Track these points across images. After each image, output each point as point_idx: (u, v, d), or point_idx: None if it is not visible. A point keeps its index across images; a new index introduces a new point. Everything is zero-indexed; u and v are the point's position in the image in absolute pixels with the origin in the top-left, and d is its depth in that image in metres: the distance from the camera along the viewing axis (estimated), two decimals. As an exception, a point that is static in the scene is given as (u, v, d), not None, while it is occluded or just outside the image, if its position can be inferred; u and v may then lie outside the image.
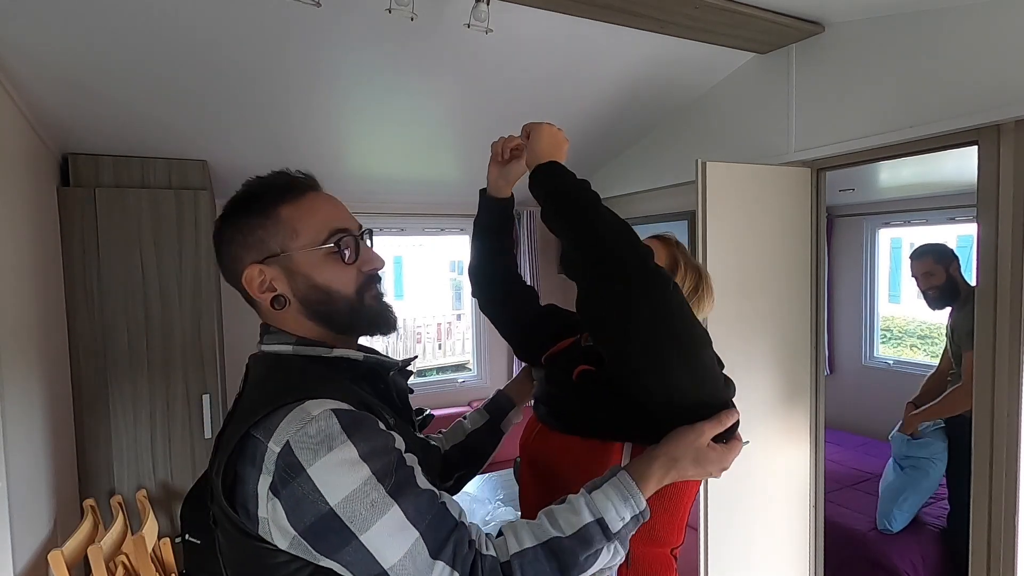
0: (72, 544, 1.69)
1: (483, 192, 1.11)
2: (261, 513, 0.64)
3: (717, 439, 0.76)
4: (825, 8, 1.94)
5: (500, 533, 0.70)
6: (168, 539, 1.96)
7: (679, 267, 1.01)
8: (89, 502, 2.02)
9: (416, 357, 0.97)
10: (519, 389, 1.16)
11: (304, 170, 0.80)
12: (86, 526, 1.85)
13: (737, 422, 0.78)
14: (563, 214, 0.82)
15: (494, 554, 0.66)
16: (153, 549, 1.90)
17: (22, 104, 1.87)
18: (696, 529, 2.00)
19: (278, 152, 2.64)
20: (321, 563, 0.64)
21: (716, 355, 0.82)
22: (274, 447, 0.62)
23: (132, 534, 1.80)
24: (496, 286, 1.17)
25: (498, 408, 1.12)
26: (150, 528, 1.91)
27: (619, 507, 0.70)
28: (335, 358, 0.77)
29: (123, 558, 1.69)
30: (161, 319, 2.40)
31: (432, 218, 3.70)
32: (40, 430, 1.86)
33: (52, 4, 1.55)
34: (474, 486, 2.82)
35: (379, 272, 0.81)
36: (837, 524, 2.63)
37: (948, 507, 2.61)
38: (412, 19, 1.67)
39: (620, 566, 0.86)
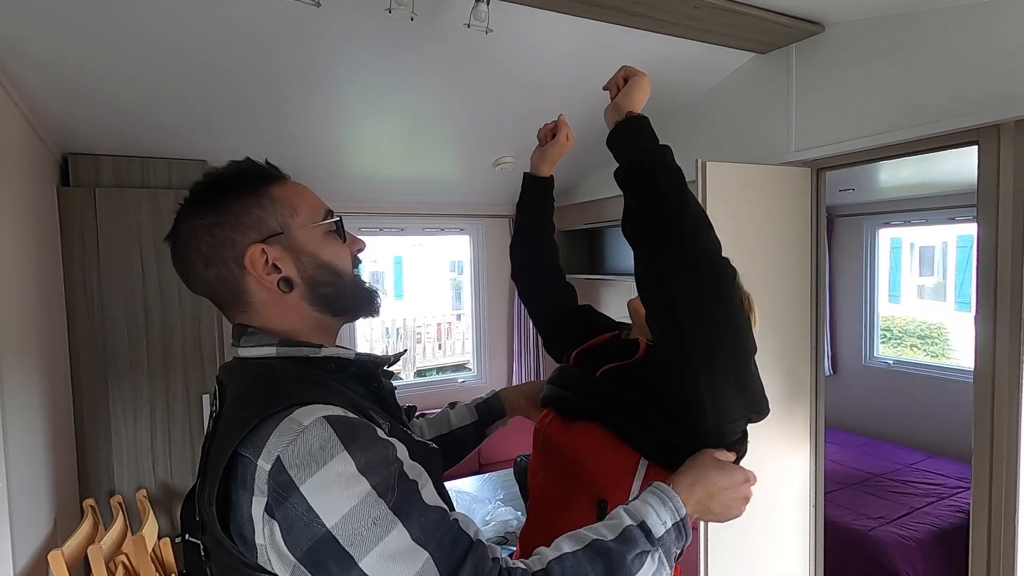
0: (72, 544, 1.69)
1: (525, 174, 1.16)
2: (258, 540, 0.58)
3: None
4: (825, 8, 1.94)
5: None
6: (168, 539, 1.97)
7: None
8: (89, 502, 2.02)
9: (406, 351, 0.91)
10: (516, 400, 1.10)
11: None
12: (86, 526, 1.84)
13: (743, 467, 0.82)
14: (650, 188, 0.80)
15: (523, 567, 0.60)
16: (153, 549, 1.90)
17: (22, 104, 1.87)
18: (696, 529, 2.00)
19: (278, 151, 2.63)
20: None
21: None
22: (264, 465, 0.57)
23: (132, 534, 1.80)
24: (530, 261, 1.18)
25: (489, 412, 1.08)
26: (150, 528, 1.91)
27: (659, 510, 0.68)
28: (323, 358, 0.71)
29: (123, 558, 1.69)
30: (161, 319, 2.40)
31: (432, 218, 3.70)
32: (40, 430, 1.86)
33: (53, 7, 1.55)
34: (474, 486, 2.82)
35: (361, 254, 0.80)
36: (837, 524, 2.63)
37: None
38: (412, 19, 1.67)
39: None
